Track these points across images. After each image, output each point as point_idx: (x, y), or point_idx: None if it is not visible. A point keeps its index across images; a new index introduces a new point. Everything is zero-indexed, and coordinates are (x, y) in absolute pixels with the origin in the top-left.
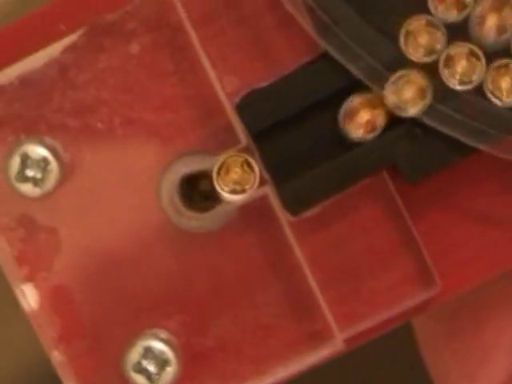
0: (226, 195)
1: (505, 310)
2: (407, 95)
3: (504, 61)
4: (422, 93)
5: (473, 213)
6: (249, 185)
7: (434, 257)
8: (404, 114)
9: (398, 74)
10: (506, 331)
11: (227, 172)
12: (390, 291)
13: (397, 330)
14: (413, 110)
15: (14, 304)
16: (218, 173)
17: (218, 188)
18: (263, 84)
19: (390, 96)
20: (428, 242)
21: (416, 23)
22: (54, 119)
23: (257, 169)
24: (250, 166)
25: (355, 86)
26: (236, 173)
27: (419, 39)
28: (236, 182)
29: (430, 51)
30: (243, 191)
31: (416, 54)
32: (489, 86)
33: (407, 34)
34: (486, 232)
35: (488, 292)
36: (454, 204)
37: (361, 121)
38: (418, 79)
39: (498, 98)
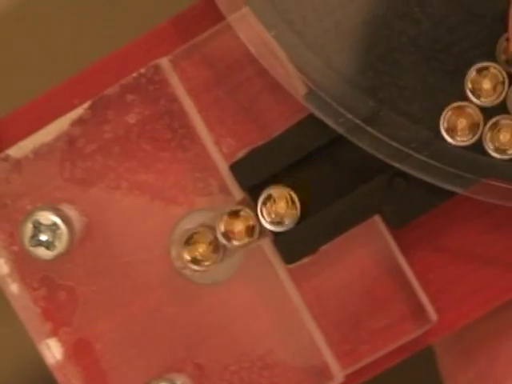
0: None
1: None
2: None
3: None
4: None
5: (466, 251)
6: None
7: (433, 295)
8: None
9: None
10: None
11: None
12: (387, 330)
13: (422, 362)
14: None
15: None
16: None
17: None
18: (258, 144)
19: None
20: (426, 282)
21: None
22: (67, 187)
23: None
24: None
25: (337, 141)
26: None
27: None
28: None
29: None
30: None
31: None
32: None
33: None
34: (479, 268)
35: (498, 325)
36: (448, 244)
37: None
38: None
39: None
